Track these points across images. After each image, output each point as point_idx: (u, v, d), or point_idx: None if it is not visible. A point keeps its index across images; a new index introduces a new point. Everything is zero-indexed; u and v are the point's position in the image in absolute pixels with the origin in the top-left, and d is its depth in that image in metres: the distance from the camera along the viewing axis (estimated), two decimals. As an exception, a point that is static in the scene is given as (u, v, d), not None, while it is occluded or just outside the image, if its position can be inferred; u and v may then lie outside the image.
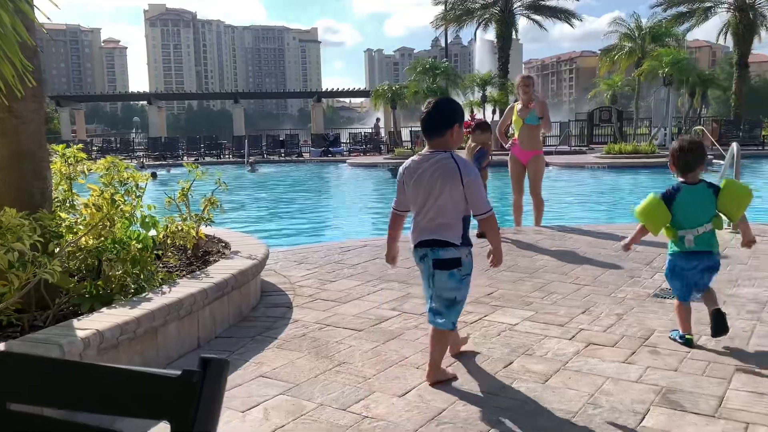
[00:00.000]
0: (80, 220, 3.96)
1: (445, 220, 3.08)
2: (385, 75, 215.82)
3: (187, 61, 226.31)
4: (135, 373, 0.77)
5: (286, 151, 32.85)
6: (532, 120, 7.45)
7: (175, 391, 0.73)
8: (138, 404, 0.76)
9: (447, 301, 3.12)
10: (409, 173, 3.17)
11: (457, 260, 3.09)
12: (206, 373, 0.73)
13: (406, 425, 2.72)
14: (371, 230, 10.89)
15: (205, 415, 0.72)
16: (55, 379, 0.80)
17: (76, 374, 0.80)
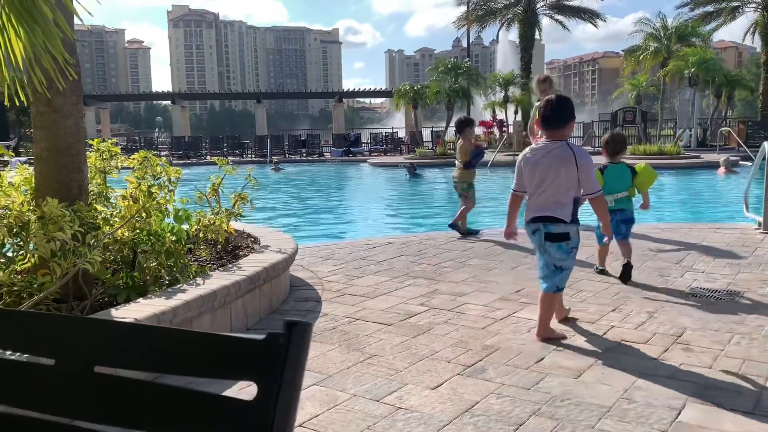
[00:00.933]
0: (115, 212, 4.03)
1: (560, 199, 3.58)
2: (406, 76, 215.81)
3: (210, 61, 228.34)
4: (221, 337, 0.79)
5: (308, 151, 33.00)
6: None
7: (262, 353, 0.75)
8: (225, 366, 0.78)
9: (554, 267, 3.64)
10: (527, 161, 3.72)
11: (566, 234, 3.62)
12: (291, 335, 0.75)
13: (440, 417, 2.73)
14: (394, 228, 10.91)
15: (291, 376, 0.74)
16: (142, 343, 0.83)
17: (164, 339, 0.83)
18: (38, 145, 3.82)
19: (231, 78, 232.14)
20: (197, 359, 0.80)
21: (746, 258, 5.79)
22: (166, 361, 0.82)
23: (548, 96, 3.82)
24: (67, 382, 0.85)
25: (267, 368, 0.74)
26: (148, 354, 0.83)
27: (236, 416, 0.74)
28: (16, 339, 0.92)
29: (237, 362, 0.78)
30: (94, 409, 0.82)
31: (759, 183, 7.78)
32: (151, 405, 0.81)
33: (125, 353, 0.84)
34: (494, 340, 3.72)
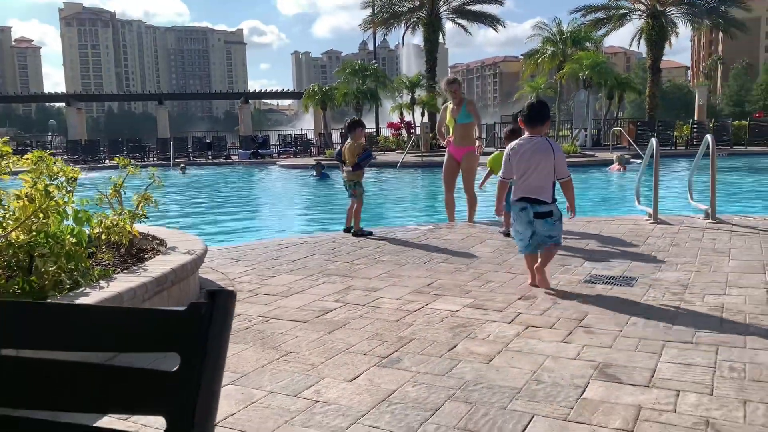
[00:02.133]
0: (8, 215, 3.78)
1: (542, 184, 4.49)
2: (313, 78, 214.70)
3: (107, 62, 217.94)
4: (144, 311, 0.77)
5: (214, 153, 32.23)
6: (463, 119, 7.67)
7: (184, 324, 0.74)
8: (148, 339, 0.76)
9: (546, 236, 4.55)
10: (514, 152, 4.59)
11: (549, 212, 4.52)
12: (214, 305, 0.74)
13: (358, 407, 2.75)
14: (306, 228, 10.85)
15: (215, 345, 0.73)
16: (60, 323, 0.79)
17: (82, 316, 0.79)
18: None
19: (130, 79, 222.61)
20: (121, 335, 0.77)
21: (639, 246, 6.18)
22: (91, 339, 0.79)
23: (529, 101, 4.81)
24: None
25: (190, 338, 0.73)
26: (71, 333, 0.79)
27: (159, 387, 0.73)
28: None
29: (160, 335, 0.76)
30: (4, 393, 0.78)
31: (649, 177, 8.32)
32: (69, 384, 0.77)
33: (37, 333, 0.79)
34: (408, 331, 3.78)
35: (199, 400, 0.71)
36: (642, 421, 2.55)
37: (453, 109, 7.79)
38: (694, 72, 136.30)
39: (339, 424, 2.59)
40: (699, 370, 3.07)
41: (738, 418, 2.56)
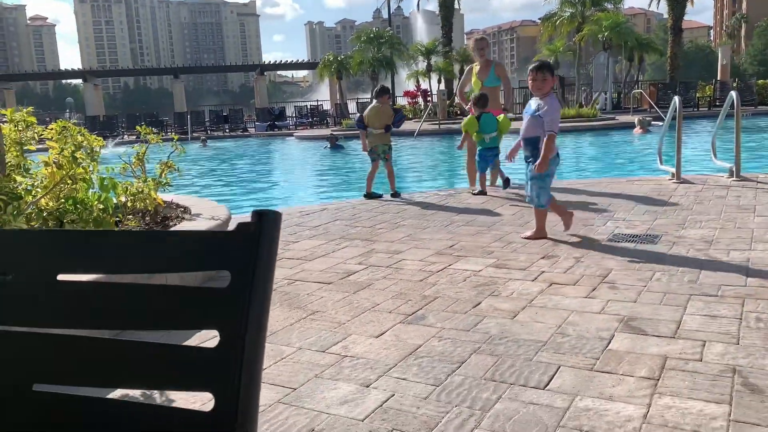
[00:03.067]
0: (37, 183, 3.85)
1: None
2: (327, 48, 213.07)
3: (121, 37, 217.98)
4: (196, 233, 0.80)
5: (231, 127, 32.25)
6: (491, 81, 7.60)
7: (234, 243, 0.76)
8: (200, 259, 0.79)
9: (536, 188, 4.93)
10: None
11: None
12: (261, 224, 0.77)
13: (385, 361, 2.80)
14: (325, 197, 10.89)
15: (264, 262, 0.75)
16: (123, 248, 0.82)
17: (138, 242, 0.83)
18: (-54, 115, 3.59)
19: (145, 54, 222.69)
20: (176, 256, 0.81)
21: (662, 206, 6.13)
22: (142, 262, 0.82)
23: (535, 60, 5.31)
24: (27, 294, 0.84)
25: (240, 256, 0.75)
26: (121, 257, 0.82)
27: (212, 303, 0.76)
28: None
29: (212, 254, 0.79)
30: (59, 317, 0.82)
31: (671, 137, 8.21)
32: (121, 305, 0.81)
33: (92, 258, 0.83)
34: (432, 290, 3.81)
35: (251, 314, 0.74)
36: (668, 369, 2.57)
37: (480, 71, 7.71)
38: (717, 32, 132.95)
39: (367, 377, 2.64)
40: (725, 321, 3.07)
41: (765, 366, 2.56)
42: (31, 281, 0.84)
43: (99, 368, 0.78)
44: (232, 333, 0.73)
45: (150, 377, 0.77)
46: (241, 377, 0.71)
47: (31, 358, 0.82)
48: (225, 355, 0.73)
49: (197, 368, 0.73)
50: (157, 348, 0.77)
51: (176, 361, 0.78)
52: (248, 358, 0.71)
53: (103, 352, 0.79)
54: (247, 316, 0.73)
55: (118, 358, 0.81)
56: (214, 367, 0.72)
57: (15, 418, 0.79)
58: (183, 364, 0.74)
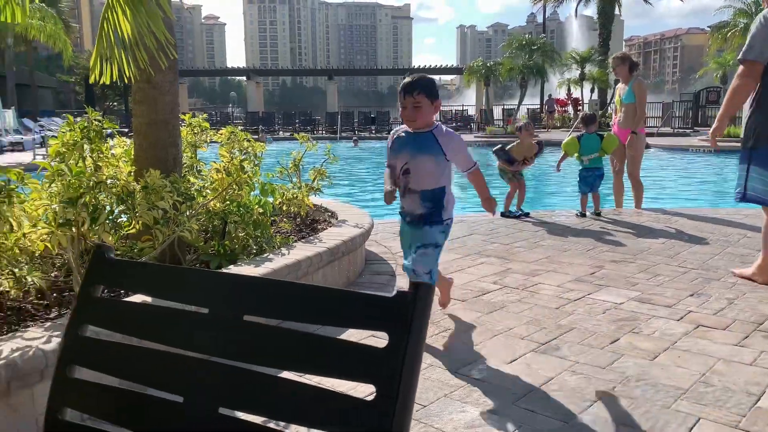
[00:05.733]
0: (207, 184, 4.27)
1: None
2: (477, 52, 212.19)
3: (282, 37, 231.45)
4: (358, 294, 0.92)
5: (377, 128, 33.19)
6: (627, 98, 7.32)
7: (392, 308, 0.87)
8: (362, 318, 0.91)
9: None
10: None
11: None
12: (417, 294, 0.87)
13: (514, 389, 2.82)
14: (462, 208, 10.93)
15: (418, 329, 0.85)
16: (285, 297, 0.97)
17: (308, 293, 0.96)
18: (137, 120, 4.09)
19: (302, 54, 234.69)
20: (338, 312, 0.93)
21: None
22: (312, 313, 0.95)
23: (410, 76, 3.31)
24: (219, 328, 1.00)
25: (397, 321, 0.86)
26: (294, 306, 0.96)
27: (371, 360, 0.87)
28: (176, 290, 1.08)
29: (372, 315, 0.90)
30: (243, 352, 0.97)
31: None
32: (294, 349, 0.94)
33: (273, 305, 0.97)
34: (568, 320, 3.76)
35: (404, 374, 0.84)
36: (826, 440, 2.37)
37: (621, 87, 7.51)
38: None
39: (496, 404, 2.68)
40: None
41: None
42: (223, 317, 1.00)
43: (277, 402, 0.92)
44: (386, 388, 0.84)
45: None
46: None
47: (218, 384, 0.97)
48: (377, 407, 0.83)
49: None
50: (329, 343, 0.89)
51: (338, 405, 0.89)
52: (397, 420, 0.81)
53: (279, 387, 0.93)
54: (400, 376, 0.84)
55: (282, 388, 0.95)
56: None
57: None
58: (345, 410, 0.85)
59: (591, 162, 7.02)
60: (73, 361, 1.07)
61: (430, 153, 3.15)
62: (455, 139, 3.21)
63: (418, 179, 3.20)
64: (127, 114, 34.51)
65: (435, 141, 3.16)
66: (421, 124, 3.17)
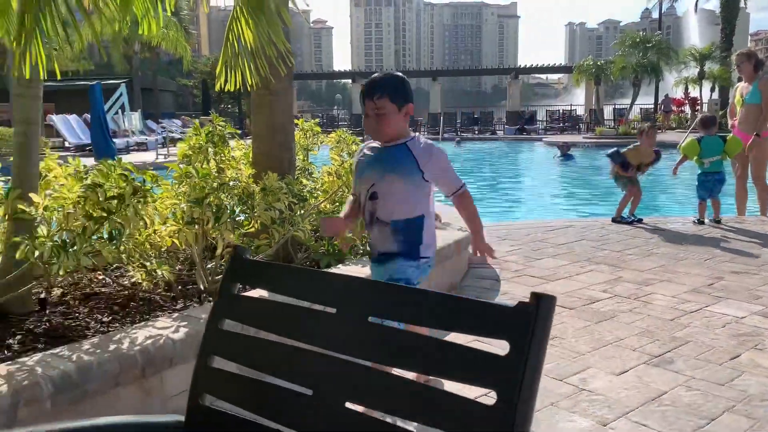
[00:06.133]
0: (317, 186, 4.43)
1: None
2: (586, 50, 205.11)
3: (387, 39, 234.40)
4: (479, 302, 0.96)
5: (480, 129, 32.90)
6: (751, 98, 6.84)
7: (514, 317, 0.90)
8: (483, 326, 0.95)
9: None
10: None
11: None
12: (539, 305, 0.89)
13: (625, 402, 2.74)
14: (569, 211, 10.65)
15: (539, 338, 0.88)
16: (410, 302, 1.02)
17: (429, 300, 1.02)
18: (257, 125, 4.32)
19: (407, 55, 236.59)
20: (458, 318, 0.97)
21: None
22: (432, 318, 1.00)
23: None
24: (346, 327, 1.07)
25: (519, 330, 0.89)
26: (417, 311, 1.01)
27: (493, 366, 0.90)
28: (305, 290, 1.17)
29: (493, 324, 0.93)
30: (369, 351, 1.03)
31: None
32: (417, 351, 0.99)
33: (397, 309, 1.03)
34: (684, 332, 3.59)
35: (524, 382, 0.87)
36: None
37: (743, 87, 7.02)
38: None
39: (605, 415, 2.62)
40: None
41: None
42: (349, 318, 1.07)
43: (400, 400, 0.98)
44: (507, 395, 0.87)
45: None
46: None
47: (345, 380, 1.04)
48: (498, 413, 0.87)
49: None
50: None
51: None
52: (518, 426, 0.84)
53: (402, 387, 0.99)
54: (521, 383, 0.86)
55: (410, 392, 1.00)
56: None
57: (329, 427, 1.02)
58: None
59: (711, 166, 6.66)
60: (212, 352, 1.18)
61: (403, 172, 2.45)
62: (436, 153, 2.50)
63: (387, 206, 2.49)
64: (240, 116, 36.25)
65: (410, 156, 2.46)
66: (388, 136, 2.50)
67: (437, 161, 2.50)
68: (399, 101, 2.47)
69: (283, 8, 3.61)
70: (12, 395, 2.10)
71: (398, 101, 2.47)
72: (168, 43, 24.93)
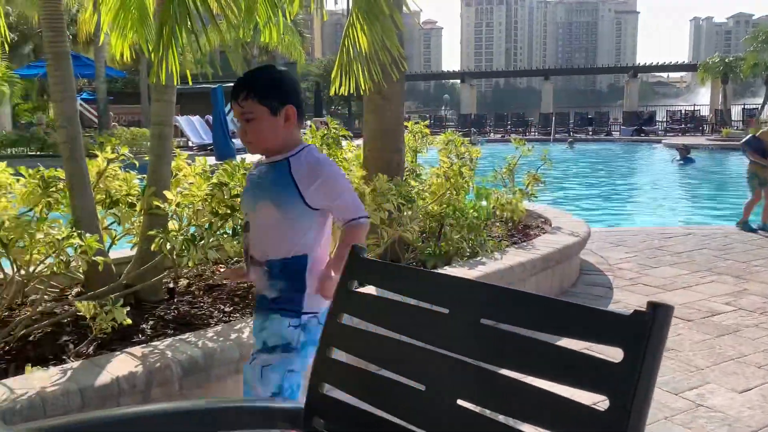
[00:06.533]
0: (425, 187, 4.49)
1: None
2: (713, 46, 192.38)
3: (498, 38, 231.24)
4: (593, 309, 0.97)
5: (594, 129, 31.72)
6: None
7: (629, 325, 0.91)
8: (596, 332, 0.96)
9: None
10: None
11: None
12: (655, 315, 0.89)
13: (747, 422, 2.59)
14: (690, 216, 10.06)
15: (654, 348, 0.88)
16: (520, 306, 1.05)
17: (541, 304, 1.04)
18: (368, 127, 4.44)
19: (518, 54, 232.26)
20: (571, 324, 0.99)
21: None
22: (545, 323, 1.02)
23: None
24: (459, 327, 1.11)
25: (633, 339, 0.89)
26: (530, 315, 1.04)
27: (606, 373, 0.91)
28: (418, 290, 1.22)
29: (607, 331, 0.94)
30: (481, 351, 1.07)
31: None
32: (530, 354, 1.02)
33: (509, 312, 1.06)
34: None
35: (638, 389, 0.87)
36: None
37: None
38: None
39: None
40: None
41: None
42: (462, 319, 1.11)
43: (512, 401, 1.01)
44: (620, 402, 0.88)
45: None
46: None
47: (458, 378, 1.08)
48: (610, 419, 0.88)
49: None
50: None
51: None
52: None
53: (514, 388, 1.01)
54: (635, 391, 0.87)
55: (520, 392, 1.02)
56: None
57: (441, 423, 1.07)
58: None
59: None
60: (332, 344, 1.26)
61: (278, 197, 1.90)
62: (327, 172, 1.92)
63: (260, 242, 1.97)
64: (349, 117, 37.08)
65: (287, 176, 1.90)
66: (264, 149, 1.97)
67: (326, 183, 1.89)
68: (272, 103, 1.88)
69: (397, 13, 3.69)
70: (146, 375, 2.31)
71: (271, 103, 1.88)
72: (284, 47, 25.97)
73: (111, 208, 3.26)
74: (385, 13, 3.63)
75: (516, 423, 1.01)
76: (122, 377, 2.25)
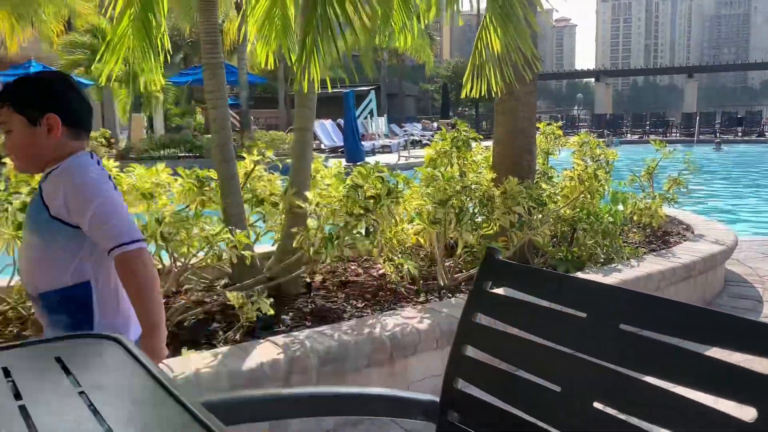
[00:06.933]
0: (557, 190, 4.41)
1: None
2: None
3: (636, 35, 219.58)
4: (735, 317, 0.95)
5: (745, 130, 29.28)
6: None
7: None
8: (740, 341, 0.94)
9: None
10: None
11: None
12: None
13: None
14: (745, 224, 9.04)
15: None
16: (661, 312, 1.04)
17: (679, 311, 1.03)
18: (498, 129, 4.43)
19: (658, 51, 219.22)
20: (714, 332, 0.97)
21: None
22: (692, 332, 1.01)
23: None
24: (597, 332, 1.12)
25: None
26: (674, 323, 1.02)
27: (754, 383, 0.89)
28: (555, 293, 1.24)
29: (753, 339, 0.92)
30: (620, 356, 1.07)
31: None
32: (671, 362, 1.01)
33: (652, 319, 1.05)
34: None
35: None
36: None
37: None
38: None
39: None
40: None
41: None
42: (600, 323, 1.11)
43: (651, 407, 1.00)
44: (766, 416, 0.85)
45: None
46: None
47: (594, 381, 1.09)
48: (760, 428, 0.85)
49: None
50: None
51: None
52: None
53: (653, 394, 1.01)
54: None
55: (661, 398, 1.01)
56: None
57: (578, 424, 1.08)
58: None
59: None
60: (466, 342, 1.30)
61: (36, 221, 1.65)
62: (77, 186, 1.60)
63: (28, 273, 1.72)
64: (477, 119, 36.85)
65: (39, 195, 1.65)
66: (26, 165, 1.74)
67: (76, 199, 1.57)
68: (30, 111, 1.62)
69: (531, 13, 3.66)
70: (287, 363, 2.48)
71: (29, 111, 1.62)
72: (413, 51, 26.34)
73: (257, 207, 3.51)
74: (518, 15, 3.61)
75: (652, 428, 1.00)
76: (266, 363, 2.43)
